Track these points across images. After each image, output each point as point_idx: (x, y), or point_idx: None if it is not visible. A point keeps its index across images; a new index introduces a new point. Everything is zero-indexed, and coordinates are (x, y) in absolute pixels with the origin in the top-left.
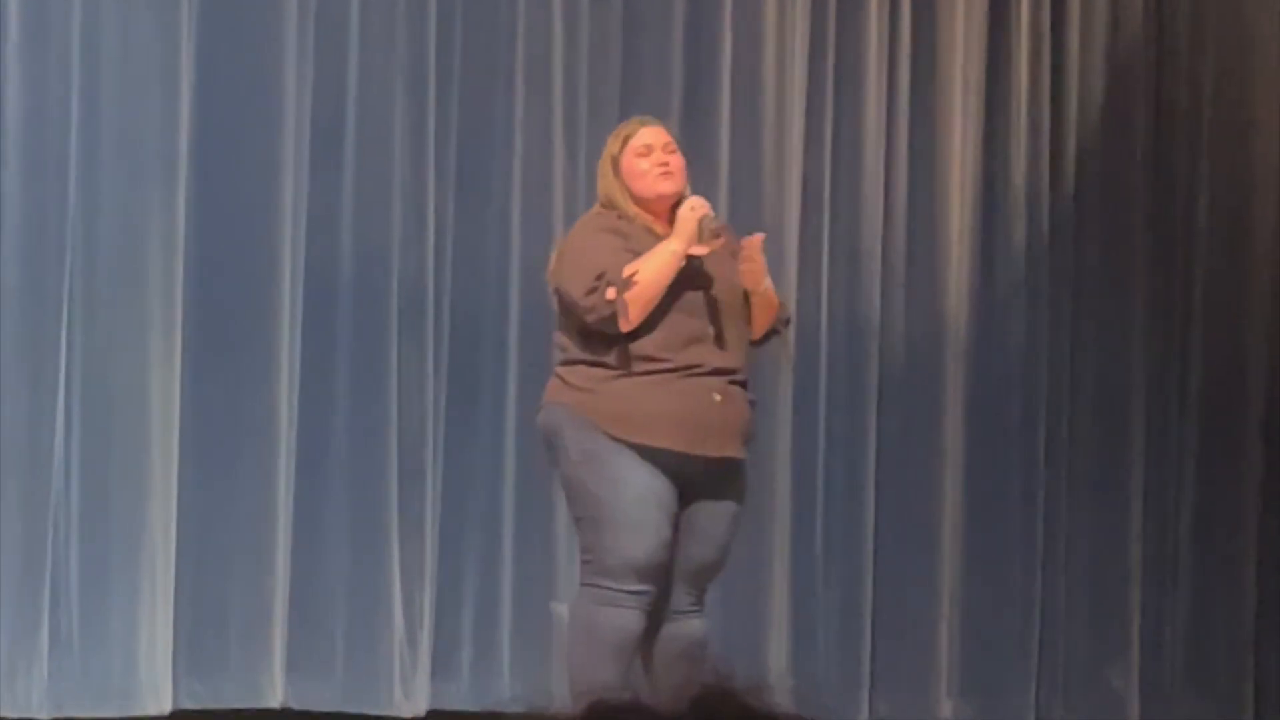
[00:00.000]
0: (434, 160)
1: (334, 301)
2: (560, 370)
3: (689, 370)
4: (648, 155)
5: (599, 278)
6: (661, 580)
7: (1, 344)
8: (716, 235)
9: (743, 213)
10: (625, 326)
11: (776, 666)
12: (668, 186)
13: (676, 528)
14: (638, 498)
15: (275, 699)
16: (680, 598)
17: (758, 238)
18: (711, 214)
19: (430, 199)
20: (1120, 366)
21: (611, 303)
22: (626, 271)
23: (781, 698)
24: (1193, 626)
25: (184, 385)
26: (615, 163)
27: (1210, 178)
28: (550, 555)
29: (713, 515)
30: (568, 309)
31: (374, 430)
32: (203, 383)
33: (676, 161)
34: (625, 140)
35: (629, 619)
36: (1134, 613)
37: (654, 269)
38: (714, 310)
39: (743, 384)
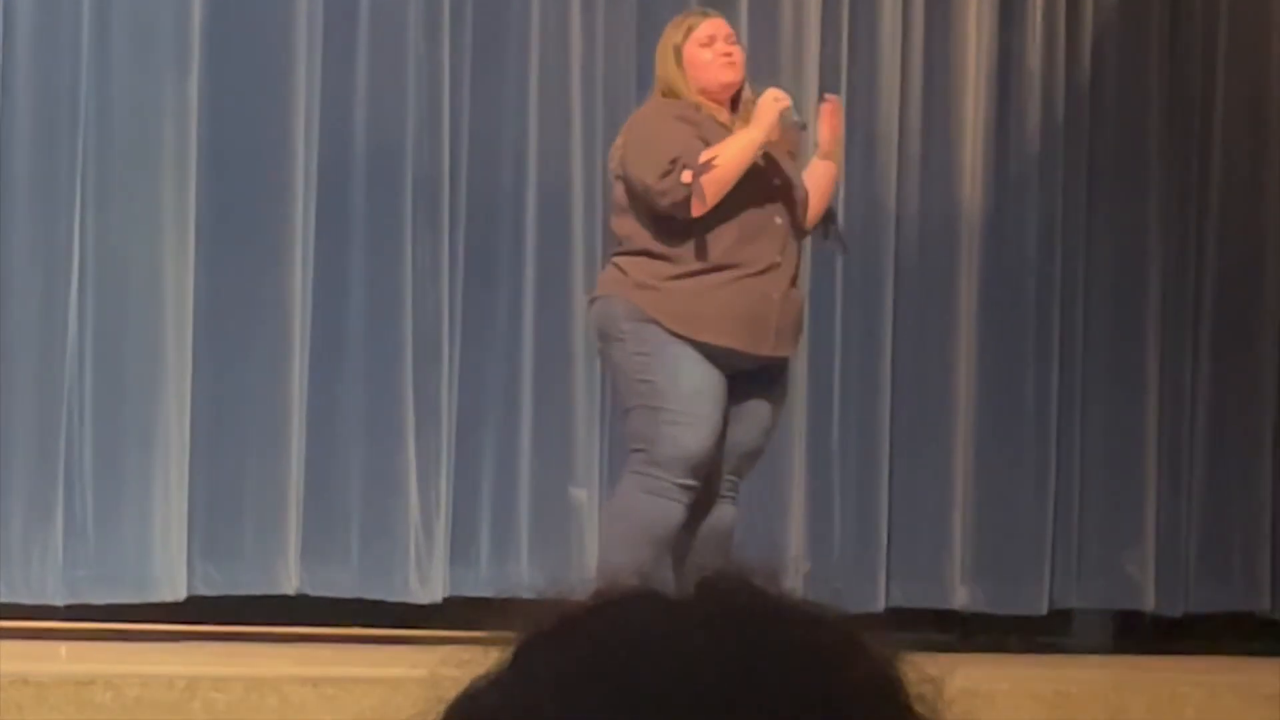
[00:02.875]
0: (449, 44)
1: (348, 187)
2: (619, 260)
3: (753, 270)
4: (710, 45)
5: (673, 161)
6: (707, 474)
7: (14, 231)
8: (802, 128)
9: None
10: (698, 210)
11: (793, 554)
12: (731, 74)
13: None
14: (696, 391)
15: (290, 585)
16: (721, 482)
17: (834, 100)
18: (792, 107)
19: (445, 83)
20: (1136, 254)
21: (687, 185)
22: (704, 156)
23: (795, 584)
24: (1208, 514)
25: (198, 271)
26: (678, 52)
27: (1227, 64)
28: (568, 440)
29: (760, 404)
30: (637, 196)
31: (389, 316)
32: (216, 268)
33: (738, 52)
34: (689, 30)
35: (672, 511)
36: (1149, 501)
37: (733, 155)
38: (777, 207)
39: (794, 279)
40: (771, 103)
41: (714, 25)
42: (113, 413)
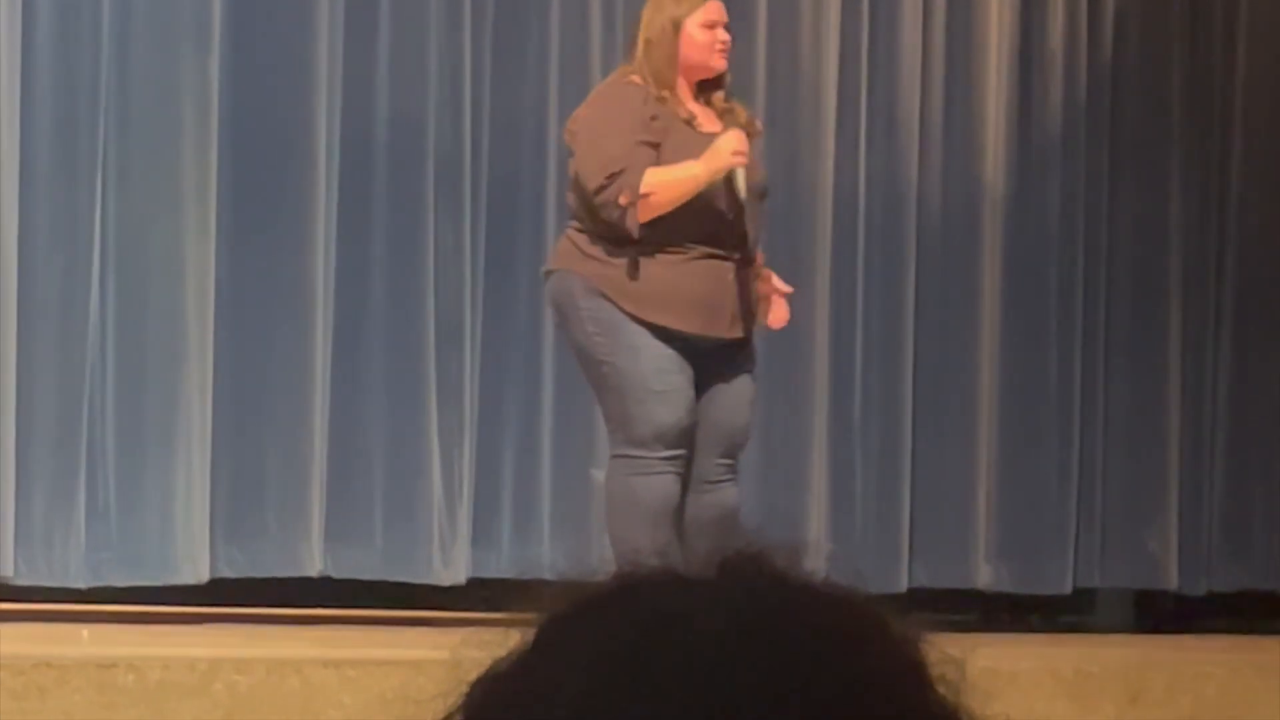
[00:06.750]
0: (470, 25)
1: (370, 168)
2: (573, 235)
3: (708, 253)
4: (712, 29)
5: (612, 176)
6: (691, 442)
7: (36, 213)
8: (741, 198)
9: (781, 77)
10: (632, 227)
11: (815, 535)
12: (723, 63)
13: (698, 399)
14: (659, 365)
15: (314, 567)
16: (712, 468)
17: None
18: (743, 173)
19: (466, 64)
20: (1157, 233)
21: (622, 208)
22: (645, 187)
23: (817, 564)
24: (1230, 493)
25: (219, 253)
26: (677, 26)
27: (1248, 42)
28: (589, 421)
29: (733, 385)
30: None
31: (411, 297)
32: (238, 250)
33: (730, 40)
34: (694, 6)
35: (666, 485)
36: (1171, 480)
37: (672, 185)
38: (736, 195)
39: (749, 260)
40: (728, 153)
41: (718, 10)
42: (135, 395)
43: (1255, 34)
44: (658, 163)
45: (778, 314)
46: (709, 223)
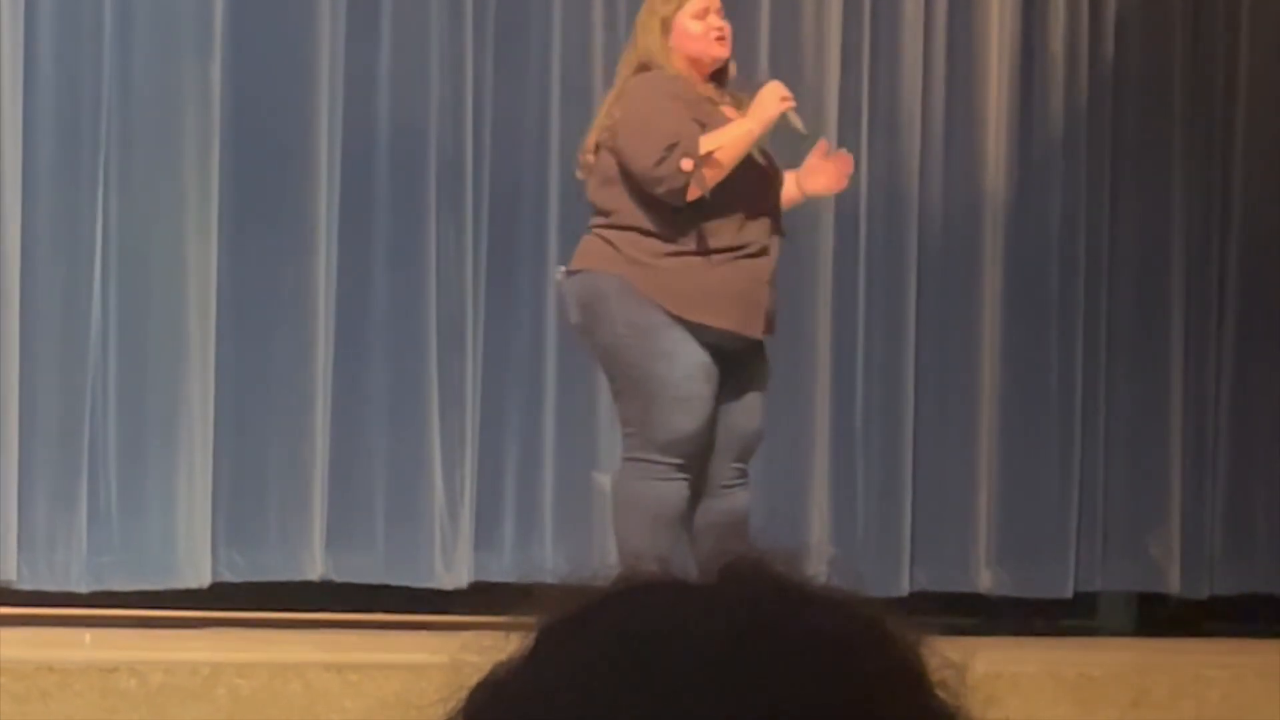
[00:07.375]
0: (472, 28)
1: (371, 172)
2: (606, 234)
3: (744, 249)
4: (703, 18)
5: (670, 147)
6: (704, 451)
7: (38, 216)
8: (804, 137)
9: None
10: (694, 195)
11: (816, 539)
12: (723, 50)
13: (717, 404)
14: (689, 373)
15: (315, 571)
16: (725, 471)
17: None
18: (795, 110)
19: (469, 69)
20: (1159, 237)
21: (686, 174)
22: (704, 148)
23: (818, 569)
24: (1233, 497)
25: (221, 257)
26: (665, 24)
27: (1250, 45)
28: (592, 425)
29: (749, 388)
30: (629, 175)
31: (413, 302)
32: (240, 255)
33: (728, 27)
34: (681, 2)
35: (677, 491)
36: (1174, 483)
37: (731, 147)
38: (764, 189)
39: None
40: (776, 100)
41: None
42: (137, 399)
43: (1257, 37)
44: None
45: (829, 174)
46: (745, 218)
